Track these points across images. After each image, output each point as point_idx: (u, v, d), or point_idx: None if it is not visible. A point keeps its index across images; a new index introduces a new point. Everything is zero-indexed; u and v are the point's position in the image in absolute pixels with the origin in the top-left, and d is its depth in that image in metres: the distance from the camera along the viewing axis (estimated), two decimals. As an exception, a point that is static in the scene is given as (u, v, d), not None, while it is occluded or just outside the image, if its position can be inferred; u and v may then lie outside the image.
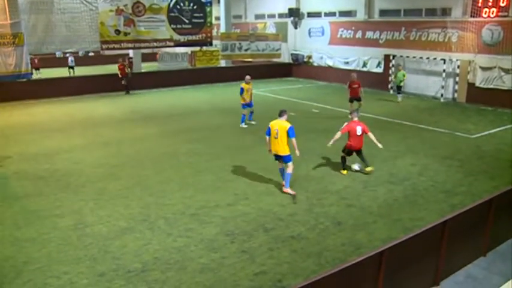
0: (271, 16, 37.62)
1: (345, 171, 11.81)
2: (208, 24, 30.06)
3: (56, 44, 26.47)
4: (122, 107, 21.87)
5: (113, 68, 27.03)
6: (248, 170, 12.13)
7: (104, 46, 27.16)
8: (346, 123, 11.74)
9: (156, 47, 29.66)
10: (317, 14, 32.48)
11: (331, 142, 11.42)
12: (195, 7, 29.23)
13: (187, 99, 24.16)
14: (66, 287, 6.86)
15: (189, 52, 30.88)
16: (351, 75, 19.12)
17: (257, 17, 39.67)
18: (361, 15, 28.79)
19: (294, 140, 10.06)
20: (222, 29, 32.09)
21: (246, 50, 31.63)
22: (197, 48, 30.52)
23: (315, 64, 32.40)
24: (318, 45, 32.15)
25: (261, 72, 31.45)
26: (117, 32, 26.79)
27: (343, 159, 11.83)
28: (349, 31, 29.69)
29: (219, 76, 30.39)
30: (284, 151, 10.20)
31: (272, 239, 8.24)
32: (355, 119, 11.68)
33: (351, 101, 18.55)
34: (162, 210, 9.53)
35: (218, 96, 25.39)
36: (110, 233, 8.54)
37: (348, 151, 11.72)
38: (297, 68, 33.30)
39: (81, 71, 24.45)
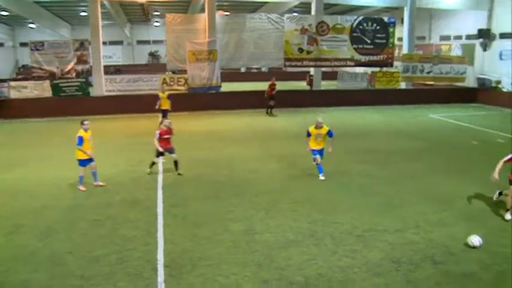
0: (458, 38, 35.36)
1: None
2: (390, 45, 29.41)
3: (243, 60, 28.56)
4: (299, 122, 22.40)
5: (294, 85, 27.82)
6: (420, 198, 11.34)
7: (287, 63, 28.52)
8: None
9: (337, 66, 29.96)
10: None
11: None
12: (378, 27, 28.88)
13: (363, 120, 23.84)
14: (233, 287, 7.17)
15: (369, 72, 30.52)
16: None
17: (442, 38, 37.63)
18: None
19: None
20: (404, 50, 31.12)
21: (428, 72, 30.00)
22: (377, 69, 30.03)
23: (504, 90, 29.42)
24: (510, 70, 29.16)
25: (442, 96, 30.04)
26: (300, 50, 27.83)
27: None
28: (551, 53, 26.35)
29: (398, 98, 29.46)
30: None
31: (441, 274, 7.53)
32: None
33: None
34: (330, 228, 9.41)
35: (396, 119, 24.53)
36: (277, 243, 8.70)
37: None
38: (483, 93, 30.40)
39: (263, 86, 25.81)
